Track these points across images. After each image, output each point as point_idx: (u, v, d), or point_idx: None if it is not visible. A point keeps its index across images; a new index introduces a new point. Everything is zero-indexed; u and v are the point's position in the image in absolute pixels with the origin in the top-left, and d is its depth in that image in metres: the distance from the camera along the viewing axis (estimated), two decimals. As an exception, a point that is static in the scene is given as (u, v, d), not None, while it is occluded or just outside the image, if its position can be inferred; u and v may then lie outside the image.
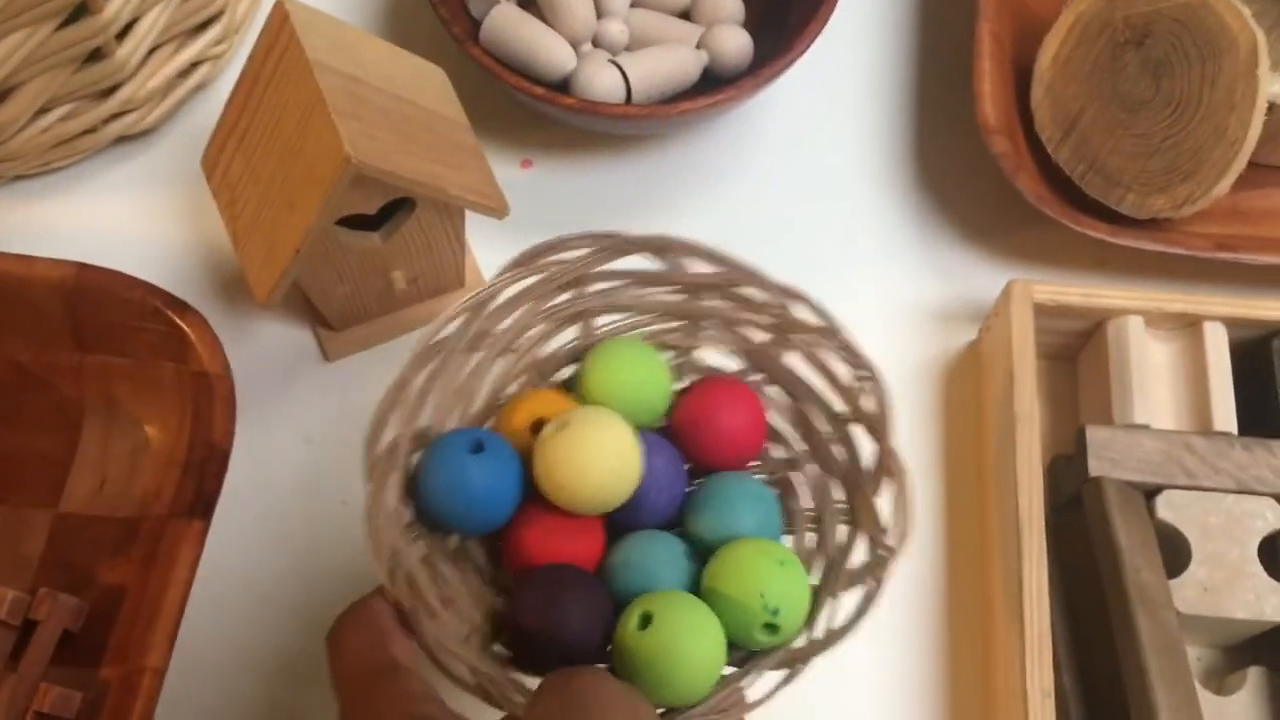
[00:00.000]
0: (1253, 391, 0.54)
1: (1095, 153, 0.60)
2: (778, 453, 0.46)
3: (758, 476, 0.45)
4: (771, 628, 0.39)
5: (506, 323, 0.45)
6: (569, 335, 0.46)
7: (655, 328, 0.47)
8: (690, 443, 0.44)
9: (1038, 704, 0.47)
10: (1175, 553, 0.51)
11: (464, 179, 0.52)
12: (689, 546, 0.42)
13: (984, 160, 0.60)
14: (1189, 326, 0.55)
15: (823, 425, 0.45)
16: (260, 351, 0.59)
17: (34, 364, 0.54)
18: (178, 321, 0.53)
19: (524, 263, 0.44)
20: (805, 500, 0.45)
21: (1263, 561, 0.50)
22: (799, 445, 0.45)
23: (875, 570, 0.41)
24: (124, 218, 0.62)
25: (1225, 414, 0.53)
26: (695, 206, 0.64)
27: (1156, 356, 0.55)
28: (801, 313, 0.44)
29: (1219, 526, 0.51)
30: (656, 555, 0.41)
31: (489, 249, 0.62)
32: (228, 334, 0.57)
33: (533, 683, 0.38)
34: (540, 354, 0.46)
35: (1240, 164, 0.57)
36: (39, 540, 0.53)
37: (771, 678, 0.39)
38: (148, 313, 0.53)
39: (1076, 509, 0.52)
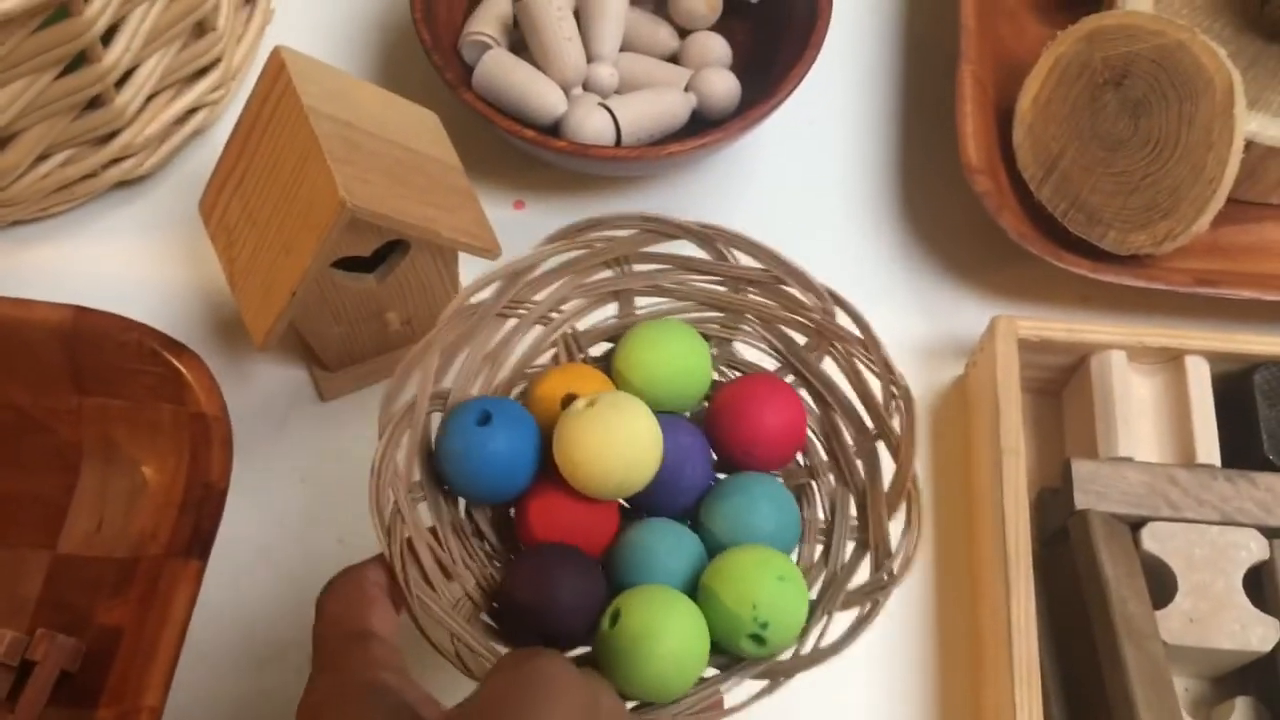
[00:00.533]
0: (1235, 424, 0.55)
1: (1077, 191, 0.61)
2: (800, 459, 0.45)
3: (778, 480, 0.44)
4: (758, 639, 0.38)
5: (544, 294, 0.45)
6: (607, 313, 0.46)
7: (694, 315, 0.46)
8: (725, 436, 0.43)
9: (1030, 736, 0.47)
10: (1161, 584, 0.51)
11: (456, 221, 0.53)
12: (701, 540, 0.41)
13: (968, 199, 0.61)
14: (1171, 360, 0.56)
15: (849, 438, 0.44)
16: (257, 392, 0.60)
17: (33, 407, 0.55)
18: (175, 363, 0.53)
19: (567, 235, 0.44)
20: (819, 511, 0.44)
21: (1248, 592, 0.51)
22: (822, 455, 0.45)
23: (874, 593, 0.40)
24: (122, 262, 0.63)
25: (1208, 446, 0.54)
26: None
27: (1140, 390, 0.56)
28: (842, 320, 0.44)
29: (1204, 558, 0.51)
30: (665, 545, 0.40)
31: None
32: (225, 375, 0.57)
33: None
34: (576, 328, 0.46)
35: (1219, 201, 0.58)
36: (36, 581, 0.53)
37: (753, 686, 0.39)
38: (145, 355, 0.54)
39: (1063, 542, 0.53)
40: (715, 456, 0.44)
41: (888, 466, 0.43)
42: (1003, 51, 0.67)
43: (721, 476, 0.44)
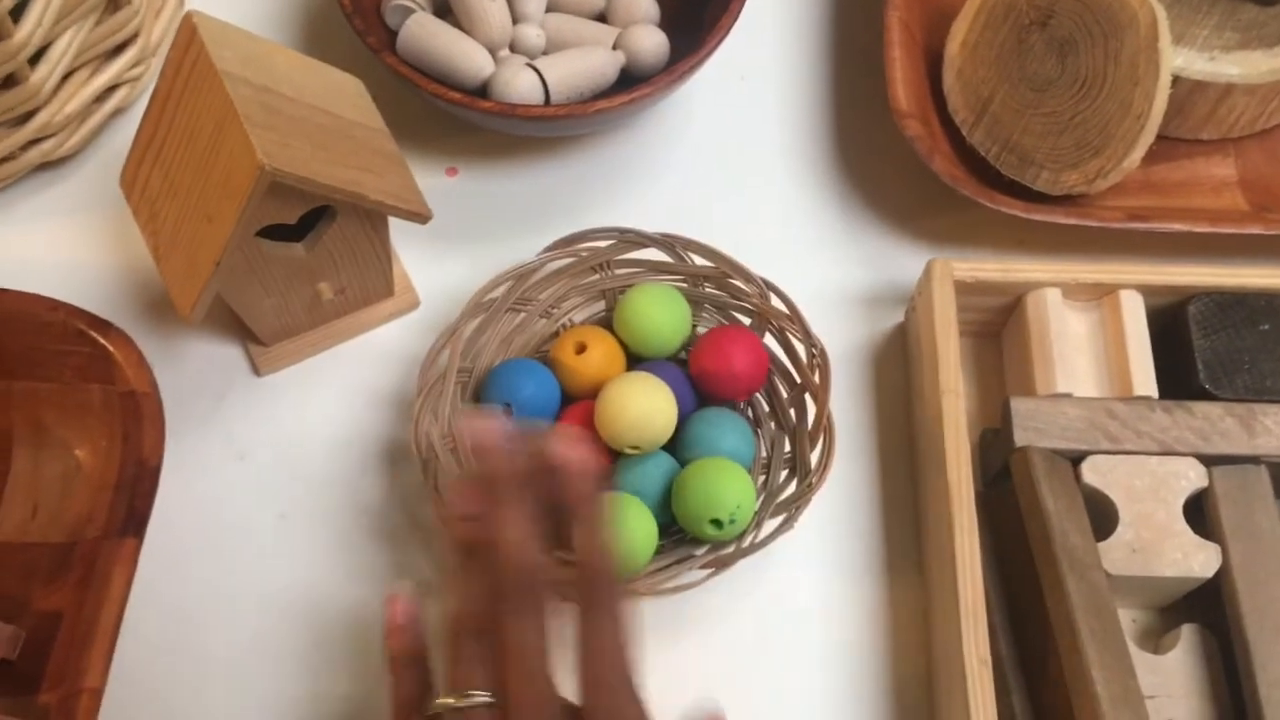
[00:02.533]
0: (1171, 356, 0.56)
1: (1008, 133, 0.61)
2: (749, 411, 0.57)
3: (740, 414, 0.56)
4: (717, 524, 0.50)
5: (546, 293, 0.57)
6: (597, 308, 0.59)
7: None
8: (704, 371, 0.54)
9: (975, 672, 0.47)
10: (1103, 516, 0.52)
11: (384, 184, 0.52)
12: (676, 456, 0.54)
13: (901, 145, 0.61)
14: (1106, 296, 0.56)
15: (784, 392, 0.56)
16: (191, 370, 0.59)
17: (-42, 393, 0.54)
18: (102, 341, 0.53)
19: (560, 246, 0.58)
20: (761, 449, 0.56)
21: (1188, 520, 0.51)
22: (764, 406, 0.57)
23: (799, 500, 0.52)
24: (48, 245, 0.62)
25: (1145, 379, 0.54)
26: (621, 205, 0.64)
27: (1076, 326, 0.56)
28: (775, 301, 0.56)
29: (1144, 488, 0.52)
30: (646, 473, 0.53)
31: (419, 256, 0.62)
32: (158, 354, 0.57)
33: None
34: (574, 320, 0.58)
35: (1148, 137, 0.58)
36: (-28, 570, 0.52)
37: (701, 574, 0.51)
38: (71, 335, 0.53)
39: (1006, 480, 0.53)
40: (696, 391, 0.55)
41: (814, 411, 0.54)
42: (930, -4, 0.67)
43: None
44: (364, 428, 0.58)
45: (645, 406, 0.51)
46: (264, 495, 0.56)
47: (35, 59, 0.57)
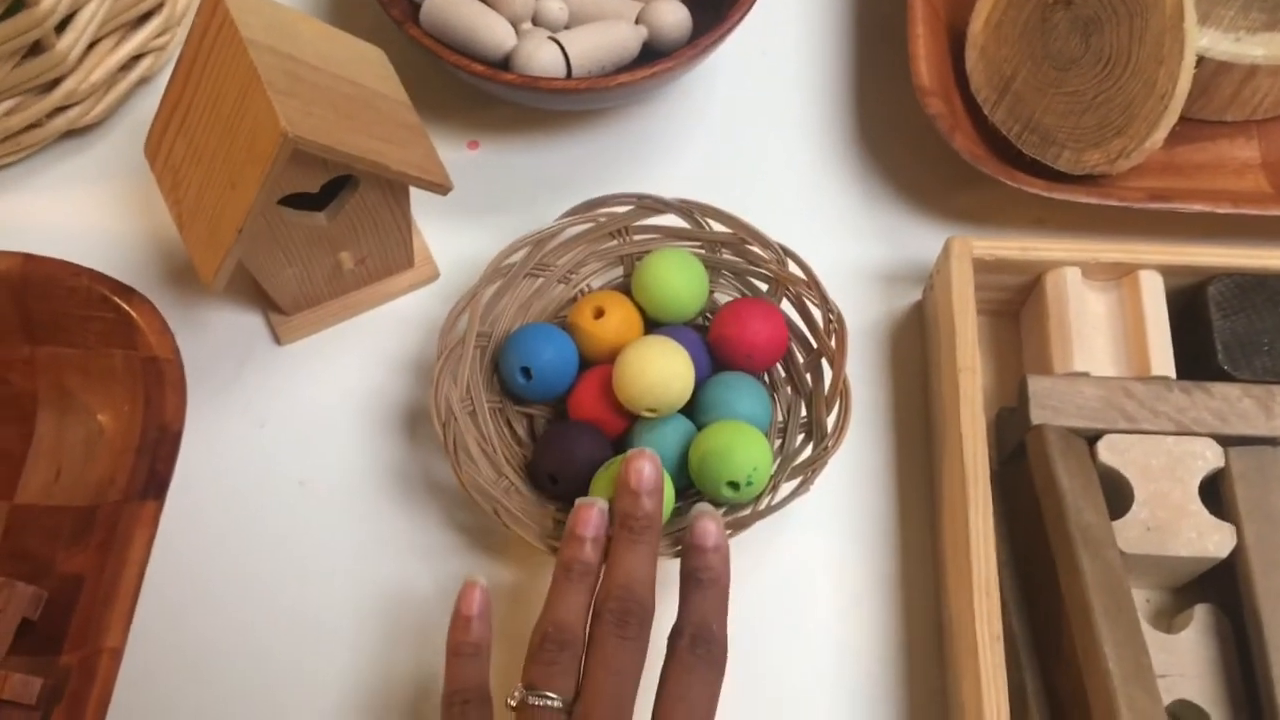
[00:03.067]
0: (1190, 336, 0.56)
1: (1030, 112, 0.61)
2: (766, 377, 0.57)
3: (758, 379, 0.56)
4: (734, 485, 0.51)
5: (565, 258, 0.58)
6: (615, 273, 0.59)
7: None
8: (726, 341, 0.55)
9: (987, 647, 0.48)
10: (1118, 495, 0.52)
11: (406, 155, 0.52)
12: (693, 420, 0.54)
13: (923, 123, 0.61)
14: (1125, 275, 0.56)
15: (800, 358, 0.57)
16: (213, 338, 0.59)
17: (-15, 358, 0.54)
18: (125, 307, 0.53)
19: (578, 211, 0.58)
20: (778, 414, 0.56)
21: (1204, 500, 0.51)
22: (781, 373, 0.57)
23: (815, 463, 0.53)
24: (74, 212, 0.62)
25: (1163, 359, 0.54)
26: (642, 178, 0.64)
27: (1095, 306, 0.56)
28: (792, 267, 0.56)
29: (1160, 468, 0.52)
30: (664, 435, 0.53)
31: (440, 229, 0.62)
32: (180, 322, 0.57)
33: (535, 513, 0.52)
34: (592, 286, 0.59)
35: (1171, 117, 0.58)
36: (-4, 531, 0.53)
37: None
38: (95, 300, 0.53)
39: (1022, 458, 0.53)
40: (714, 359, 0.56)
41: (830, 377, 0.55)
42: (954, -26, 0.66)
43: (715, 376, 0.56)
44: (384, 394, 0.58)
45: (663, 370, 0.51)
46: (284, 462, 0.57)
47: (61, 27, 0.57)
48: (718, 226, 0.58)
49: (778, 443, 0.55)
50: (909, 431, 0.58)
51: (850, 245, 0.63)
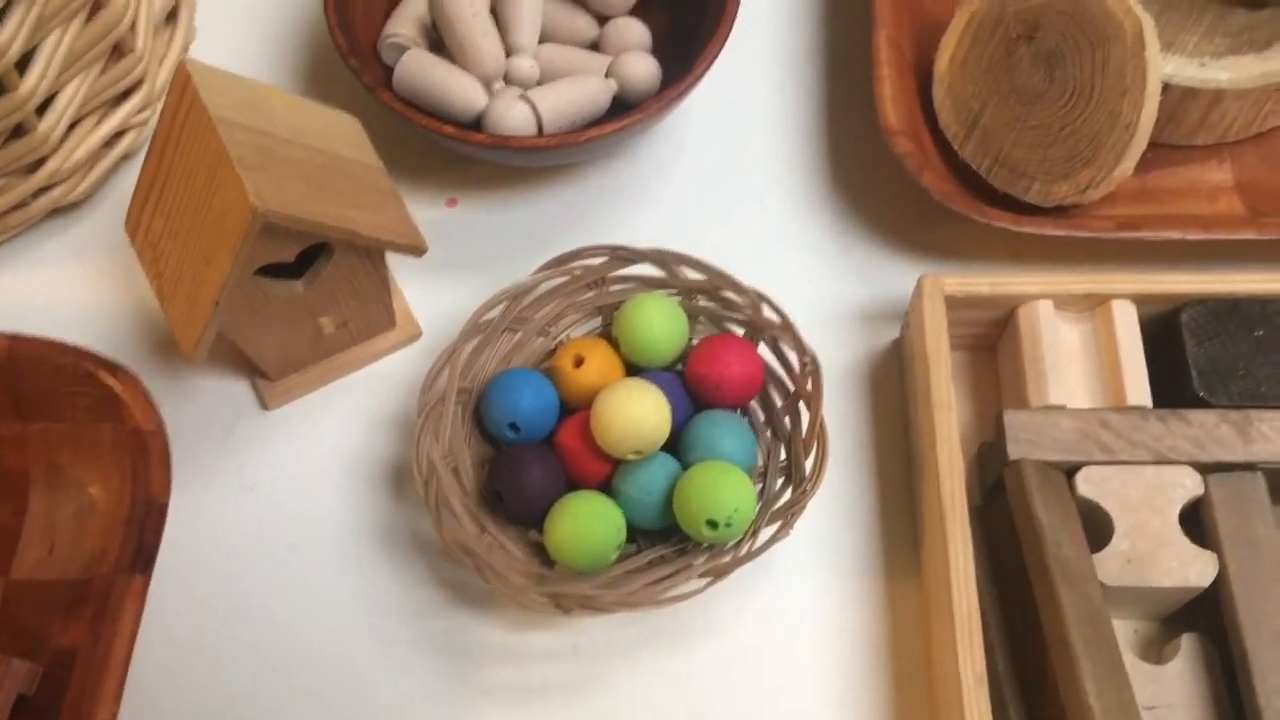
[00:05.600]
0: (1166, 364, 0.56)
1: (999, 146, 0.62)
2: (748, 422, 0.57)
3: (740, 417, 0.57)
4: (713, 525, 0.51)
5: (543, 311, 0.59)
6: (593, 324, 0.61)
7: None
8: (701, 377, 0.55)
9: (971, 688, 0.48)
10: (1098, 528, 0.52)
11: (378, 220, 0.53)
12: (679, 459, 0.55)
13: (894, 162, 0.62)
14: (1099, 306, 0.56)
15: (778, 401, 0.58)
16: (201, 406, 0.60)
17: (-24, 436, 0.55)
18: (110, 382, 0.54)
19: (554, 265, 0.59)
20: (758, 459, 0.56)
21: (1185, 529, 0.51)
22: (760, 416, 0.58)
23: (794, 506, 0.53)
24: (61, 288, 0.64)
25: (1138, 388, 0.54)
26: (618, 229, 0.65)
27: (1069, 338, 0.56)
28: (767, 312, 0.57)
29: (1139, 498, 0.52)
30: (649, 477, 0.53)
31: (421, 287, 0.63)
32: (167, 392, 0.58)
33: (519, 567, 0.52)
34: (572, 336, 0.60)
35: (1138, 146, 0.58)
36: (-10, 608, 0.54)
37: (700, 583, 0.52)
38: (81, 376, 0.54)
39: (1003, 494, 0.53)
40: (692, 400, 0.57)
41: (808, 419, 0.55)
42: (918, 12, 0.67)
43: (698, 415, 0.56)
44: (370, 454, 0.59)
45: (634, 410, 0.52)
46: (274, 526, 0.58)
47: (42, 108, 0.59)
48: (692, 274, 0.58)
49: (758, 486, 0.56)
50: (891, 470, 0.59)
51: (827, 286, 0.64)
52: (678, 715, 0.54)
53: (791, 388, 0.57)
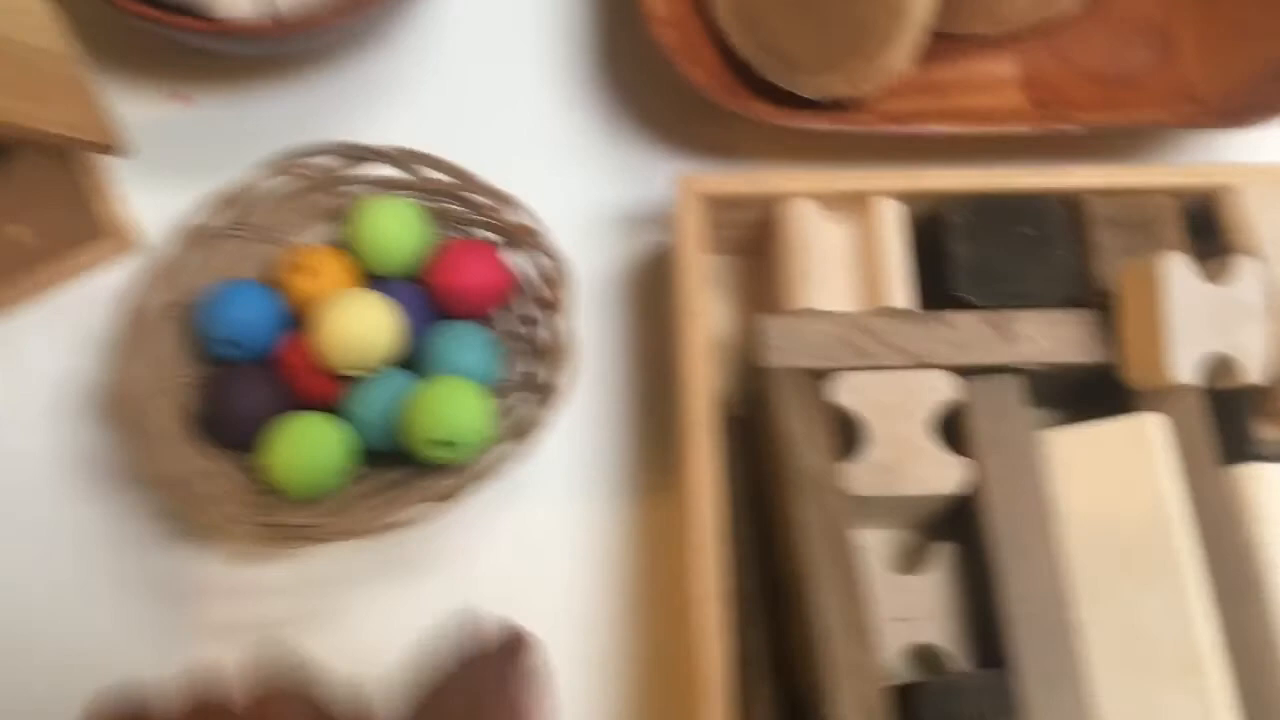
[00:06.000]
0: (934, 267, 0.53)
1: (771, 36, 0.58)
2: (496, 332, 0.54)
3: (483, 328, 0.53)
4: (442, 445, 0.47)
5: (267, 216, 0.53)
6: (328, 231, 0.55)
7: None
8: (441, 291, 0.52)
9: (711, 607, 0.45)
10: (855, 436, 0.49)
11: (59, 114, 0.47)
12: (418, 376, 0.50)
13: (662, 56, 0.57)
14: (863, 205, 0.53)
15: (530, 311, 0.53)
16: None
17: None
18: None
19: (274, 165, 0.53)
20: (511, 374, 0.52)
21: (943, 435, 0.49)
22: (513, 327, 0.54)
23: (539, 422, 0.49)
24: None
25: (900, 290, 0.51)
26: (372, 128, 0.60)
27: (833, 239, 0.53)
28: (515, 215, 0.53)
29: (894, 404, 0.49)
30: (378, 395, 0.49)
31: (149, 194, 0.57)
32: None
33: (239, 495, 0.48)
34: (298, 242, 0.54)
35: (910, 35, 0.55)
36: None
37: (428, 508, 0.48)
38: None
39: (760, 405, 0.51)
40: (436, 311, 0.52)
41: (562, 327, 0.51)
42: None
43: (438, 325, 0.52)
44: (80, 379, 0.54)
45: (357, 323, 0.48)
46: (-26, 459, 0.52)
47: None
48: (436, 175, 0.54)
49: (506, 402, 0.52)
50: (655, 384, 0.55)
51: (596, 190, 0.59)
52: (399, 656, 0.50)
53: (546, 297, 0.53)
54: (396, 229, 0.51)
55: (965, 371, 0.50)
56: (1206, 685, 0.44)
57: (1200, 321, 0.48)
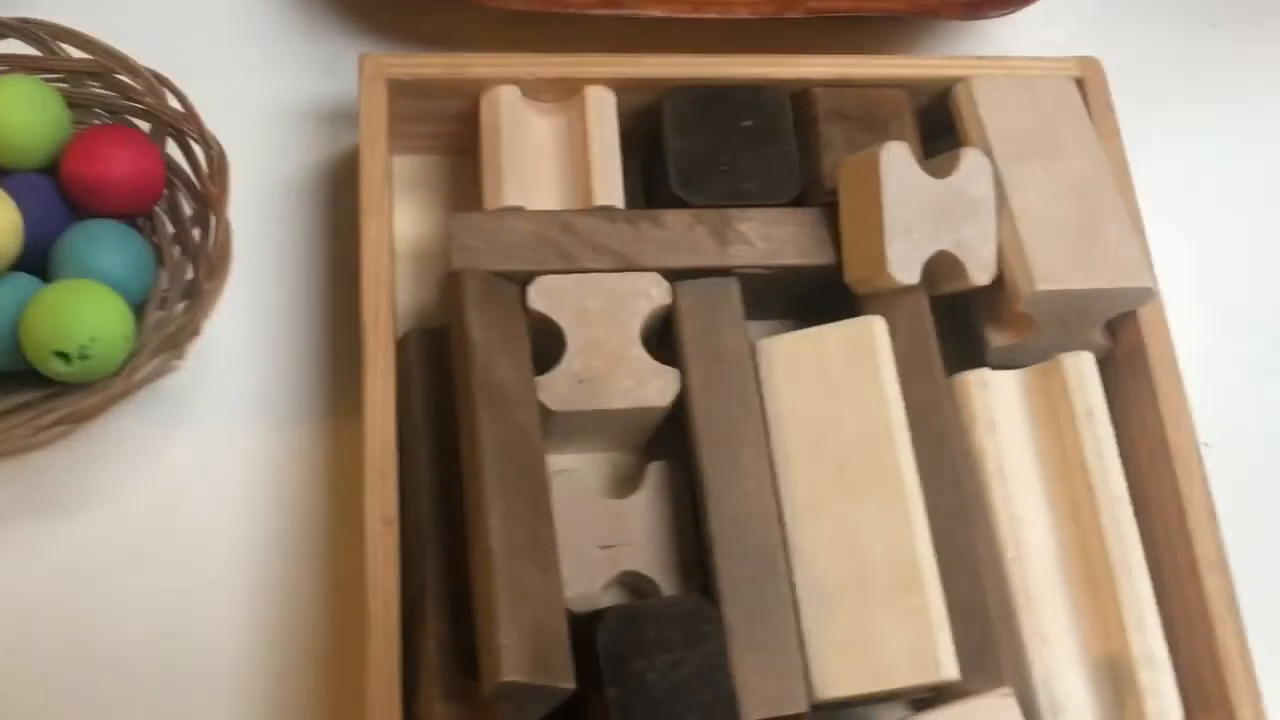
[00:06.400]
0: (652, 162, 0.49)
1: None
2: (152, 238, 0.47)
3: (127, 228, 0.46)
4: (65, 358, 0.41)
5: None
6: None
7: None
8: (76, 185, 0.45)
9: (376, 532, 0.40)
10: (555, 345, 0.44)
11: None
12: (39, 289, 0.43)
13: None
14: (574, 94, 0.48)
15: (188, 209, 0.47)
16: None
17: None
18: None
19: None
20: (163, 280, 0.46)
21: (651, 345, 0.45)
22: (169, 229, 0.47)
23: (187, 331, 0.43)
24: None
25: (609, 187, 0.47)
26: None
27: (539, 131, 0.48)
28: (172, 101, 0.46)
29: (598, 310, 0.44)
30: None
31: None
32: None
33: None
34: None
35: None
36: None
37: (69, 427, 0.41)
38: None
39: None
40: (74, 209, 0.46)
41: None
42: None
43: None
44: None
45: None
46: None
47: None
48: (77, 53, 0.46)
49: (158, 313, 0.45)
50: (345, 296, 0.49)
51: (281, 84, 0.53)
52: (58, 602, 0.43)
53: (200, 190, 0.46)
54: (22, 112, 0.44)
55: (677, 275, 0.46)
56: (923, 604, 0.41)
57: (922, 217, 0.45)
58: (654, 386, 0.44)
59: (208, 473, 0.46)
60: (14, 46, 0.46)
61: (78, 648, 0.43)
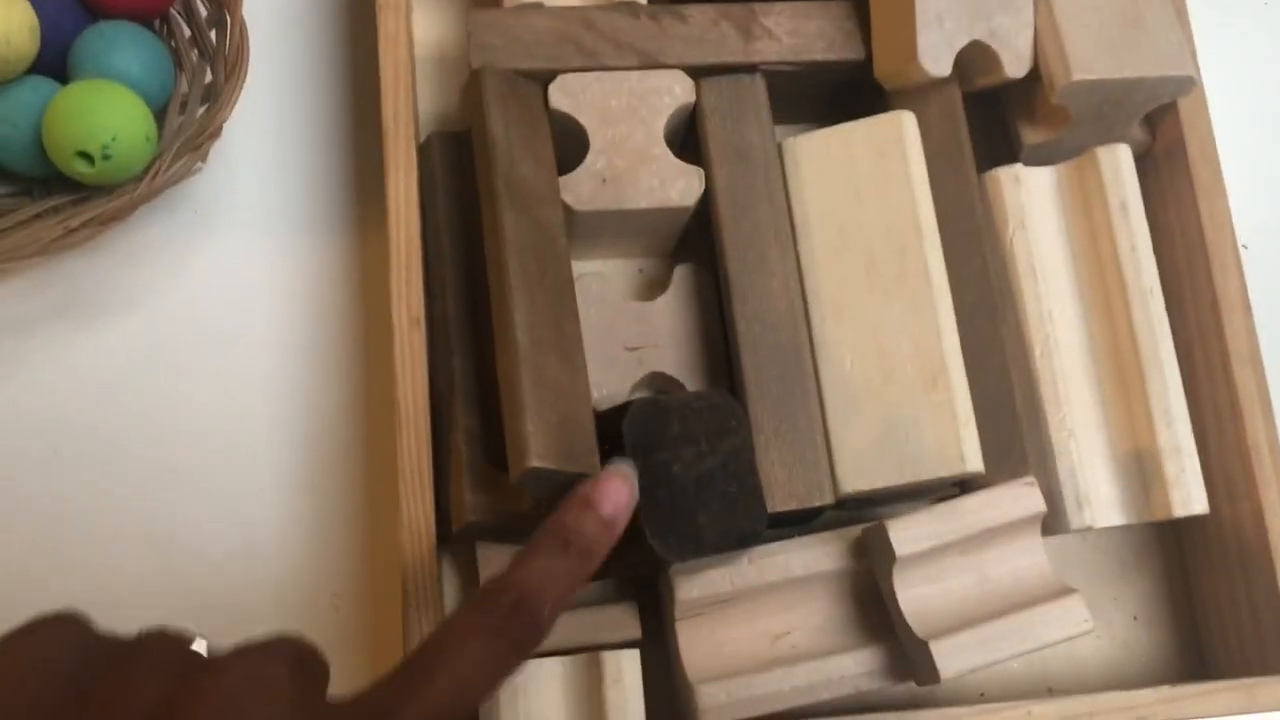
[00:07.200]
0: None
1: None
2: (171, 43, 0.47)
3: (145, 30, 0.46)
4: (88, 158, 0.41)
5: None
6: None
7: None
8: None
9: (405, 333, 0.40)
10: (578, 145, 0.44)
11: None
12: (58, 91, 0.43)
13: None
14: (596, -116, 0.47)
15: (203, 9, 0.46)
16: None
17: None
18: None
19: None
20: (183, 85, 0.46)
21: (675, 144, 0.44)
22: (186, 32, 0.47)
23: (205, 133, 0.43)
24: None
25: (633, -20, 0.45)
26: None
27: (561, -77, 0.47)
28: None
29: (621, 108, 0.44)
30: (16, 103, 0.42)
31: None
32: None
33: None
34: None
35: None
36: None
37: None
38: None
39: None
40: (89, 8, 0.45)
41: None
42: None
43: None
44: None
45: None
46: None
47: None
48: None
49: (179, 117, 0.45)
50: (367, 97, 0.49)
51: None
52: (88, 405, 0.44)
53: (215, -7, 0.45)
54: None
55: (702, 72, 0.45)
56: (949, 398, 0.41)
57: (954, 5, 0.43)
58: (678, 186, 0.43)
59: (236, 275, 0.46)
60: None
61: (113, 449, 0.44)
